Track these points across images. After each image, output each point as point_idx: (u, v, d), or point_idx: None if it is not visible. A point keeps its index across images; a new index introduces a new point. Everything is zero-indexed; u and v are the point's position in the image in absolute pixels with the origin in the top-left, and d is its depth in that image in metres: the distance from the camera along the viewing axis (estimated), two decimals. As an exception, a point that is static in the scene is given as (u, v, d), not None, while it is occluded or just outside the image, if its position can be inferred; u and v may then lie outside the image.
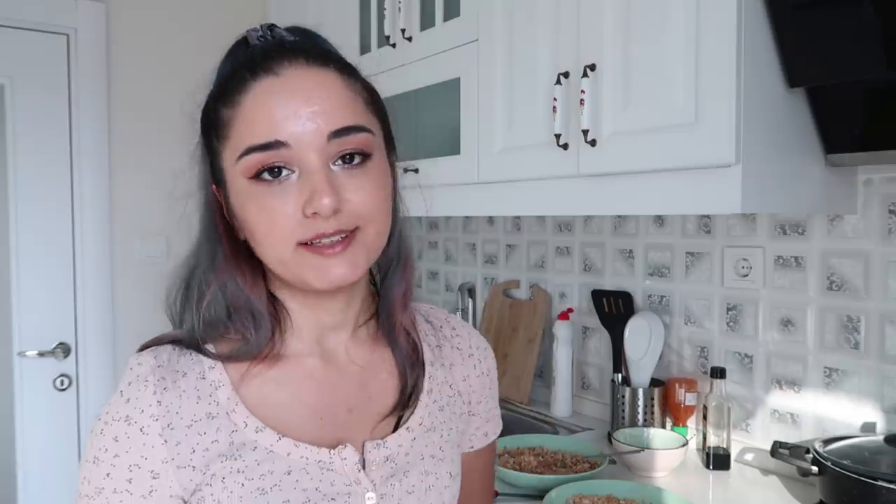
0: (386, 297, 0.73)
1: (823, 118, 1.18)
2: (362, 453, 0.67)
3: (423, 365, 0.75)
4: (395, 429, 0.71)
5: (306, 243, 0.61)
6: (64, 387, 2.17)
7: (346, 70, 0.65)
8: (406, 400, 0.72)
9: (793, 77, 1.14)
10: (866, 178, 1.31)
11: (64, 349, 2.16)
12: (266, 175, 0.61)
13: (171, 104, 2.26)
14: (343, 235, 0.61)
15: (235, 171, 0.62)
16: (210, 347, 0.67)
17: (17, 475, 2.12)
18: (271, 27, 0.66)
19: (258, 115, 0.61)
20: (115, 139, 2.23)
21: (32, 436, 2.14)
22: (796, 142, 1.19)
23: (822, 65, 1.10)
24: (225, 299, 0.67)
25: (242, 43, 0.67)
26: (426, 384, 0.74)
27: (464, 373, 0.79)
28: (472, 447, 0.82)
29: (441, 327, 0.81)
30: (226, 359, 0.66)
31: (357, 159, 0.62)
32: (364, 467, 0.67)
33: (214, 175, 0.67)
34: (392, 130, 0.70)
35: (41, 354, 2.14)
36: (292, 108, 0.60)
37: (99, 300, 2.20)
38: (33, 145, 2.12)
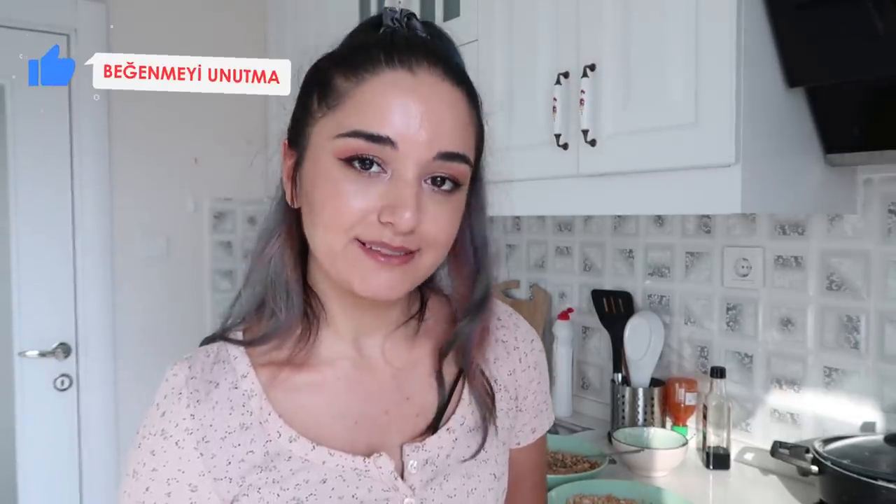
0: (463, 335, 0.70)
1: (823, 118, 1.18)
2: (400, 457, 0.66)
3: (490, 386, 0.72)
4: (435, 430, 0.68)
5: (363, 242, 0.59)
6: (64, 387, 2.17)
7: (474, 98, 0.65)
8: (444, 407, 0.69)
9: (793, 77, 1.14)
10: (866, 178, 1.31)
11: (64, 349, 2.16)
12: (357, 164, 0.58)
13: (172, 104, 2.27)
14: (402, 252, 0.59)
15: (328, 145, 0.59)
16: (238, 335, 0.67)
17: (17, 475, 2.12)
18: (409, 15, 0.64)
19: (379, 102, 0.58)
20: (115, 139, 2.22)
21: (32, 436, 2.13)
22: (796, 142, 1.19)
23: (822, 65, 1.10)
24: (269, 272, 0.65)
25: (377, 21, 0.64)
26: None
27: (509, 367, 0.76)
28: (519, 444, 0.79)
29: None
30: (248, 344, 0.66)
31: (448, 185, 0.61)
32: (403, 472, 0.65)
33: (294, 132, 0.64)
34: (481, 166, 0.68)
35: (41, 354, 2.13)
36: (415, 113, 0.58)
37: (99, 300, 2.19)
38: (33, 145, 2.11)
